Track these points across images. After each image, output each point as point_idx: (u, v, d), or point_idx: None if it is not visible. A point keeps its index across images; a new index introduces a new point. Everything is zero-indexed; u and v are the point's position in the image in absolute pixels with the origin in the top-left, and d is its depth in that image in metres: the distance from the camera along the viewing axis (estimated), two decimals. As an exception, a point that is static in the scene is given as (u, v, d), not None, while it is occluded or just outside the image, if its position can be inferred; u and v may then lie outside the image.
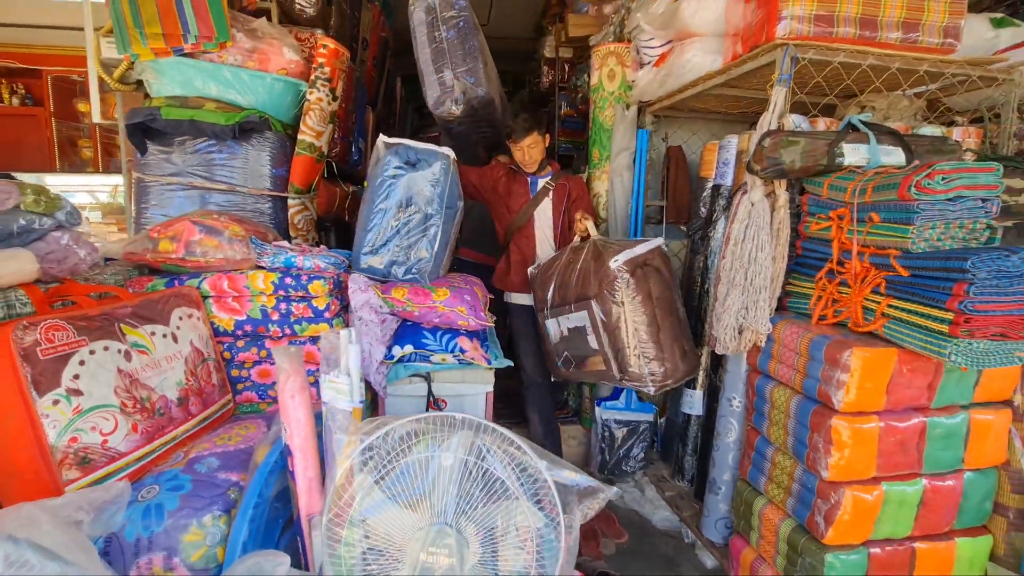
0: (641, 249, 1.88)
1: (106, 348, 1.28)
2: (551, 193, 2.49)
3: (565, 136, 4.42)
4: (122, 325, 1.35)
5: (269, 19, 2.43)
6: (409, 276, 1.89)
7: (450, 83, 2.36)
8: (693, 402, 2.20)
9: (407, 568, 1.01)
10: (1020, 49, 1.88)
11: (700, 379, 2.17)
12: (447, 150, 1.88)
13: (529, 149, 2.41)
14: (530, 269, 2.30)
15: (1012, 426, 1.43)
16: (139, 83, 2.36)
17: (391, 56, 4.47)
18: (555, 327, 2.10)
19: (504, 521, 1.05)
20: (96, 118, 2.52)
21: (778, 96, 1.59)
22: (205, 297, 1.68)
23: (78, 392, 1.19)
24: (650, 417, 2.49)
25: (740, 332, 1.60)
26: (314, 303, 1.70)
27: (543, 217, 2.52)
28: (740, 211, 1.60)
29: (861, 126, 1.56)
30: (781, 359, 1.54)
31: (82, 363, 1.21)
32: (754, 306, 1.55)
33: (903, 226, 1.32)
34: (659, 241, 1.94)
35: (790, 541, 1.51)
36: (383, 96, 4.37)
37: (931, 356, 1.26)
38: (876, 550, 1.40)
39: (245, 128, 2.14)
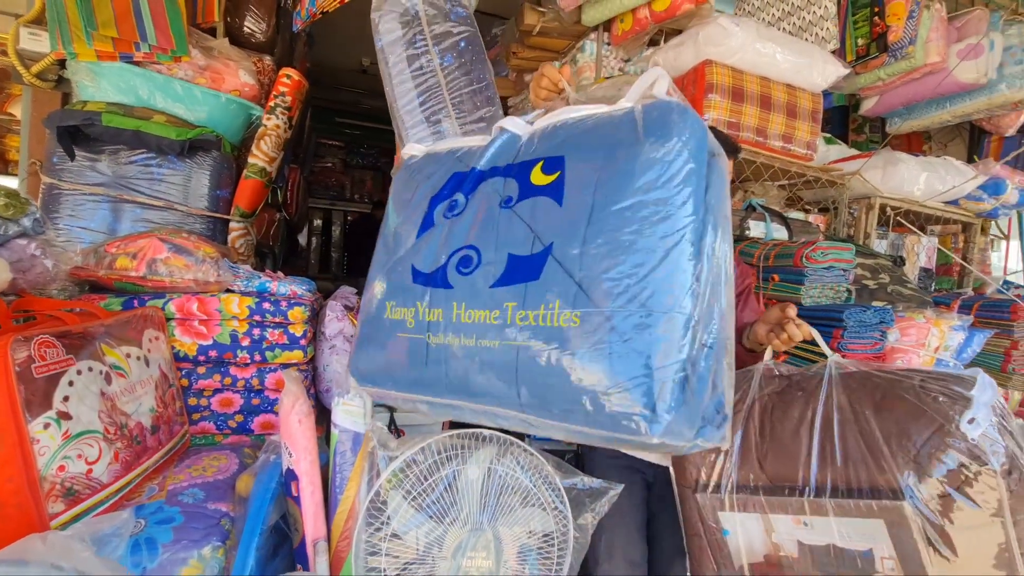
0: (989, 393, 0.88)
1: (90, 368, 1.18)
2: None
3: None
4: (102, 344, 1.25)
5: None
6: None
7: None
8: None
9: (451, 571, 1.09)
10: (847, 162, 2.59)
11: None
12: None
13: None
14: None
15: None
16: (58, 81, 2.14)
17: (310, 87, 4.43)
18: (758, 530, 1.03)
19: (532, 525, 1.19)
20: (-12, 111, 2.20)
21: (702, 178, 2.01)
22: (168, 319, 1.58)
23: (67, 416, 1.08)
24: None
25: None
26: (291, 329, 1.68)
27: None
28: (675, 266, 1.96)
29: (759, 207, 2.04)
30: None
31: (71, 384, 1.11)
32: (687, 344, 1.89)
33: (796, 285, 1.76)
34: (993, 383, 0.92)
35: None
36: (297, 126, 4.28)
37: (818, 383, 1.68)
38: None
39: (195, 145, 2.06)
